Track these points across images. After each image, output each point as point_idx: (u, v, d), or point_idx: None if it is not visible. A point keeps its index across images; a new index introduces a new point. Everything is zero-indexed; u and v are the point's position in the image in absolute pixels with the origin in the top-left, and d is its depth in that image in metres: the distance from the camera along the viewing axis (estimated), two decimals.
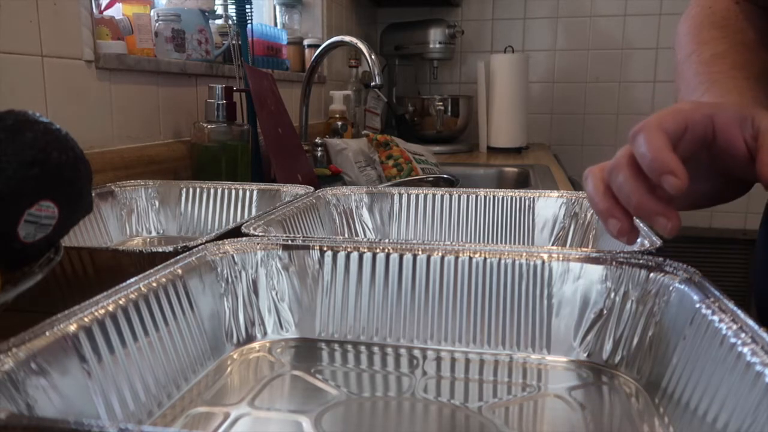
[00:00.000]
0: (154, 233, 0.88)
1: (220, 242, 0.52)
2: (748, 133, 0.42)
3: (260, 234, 0.56)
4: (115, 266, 0.54)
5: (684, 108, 0.43)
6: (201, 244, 0.51)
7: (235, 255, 0.52)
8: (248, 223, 0.60)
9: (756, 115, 0.42)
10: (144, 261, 0.52)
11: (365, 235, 0.83)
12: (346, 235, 0.82)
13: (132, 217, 0.86)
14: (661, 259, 0.47)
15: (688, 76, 0.58)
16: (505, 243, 0.81)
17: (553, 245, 0.79)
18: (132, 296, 0.41)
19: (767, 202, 0.70)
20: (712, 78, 0.54)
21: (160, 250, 0.52)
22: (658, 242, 0.52)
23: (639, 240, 0.54)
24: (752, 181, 0.44)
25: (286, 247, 0.53)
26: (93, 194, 0.51)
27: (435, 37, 2.26)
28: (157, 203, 0.89)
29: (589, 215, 0.76)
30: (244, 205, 0.88)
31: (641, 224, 0.59)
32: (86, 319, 0.37)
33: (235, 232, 0.56)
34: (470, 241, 0.83)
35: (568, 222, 0.79)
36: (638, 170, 0.41)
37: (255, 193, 0.88)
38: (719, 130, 0.42)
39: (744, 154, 0.42)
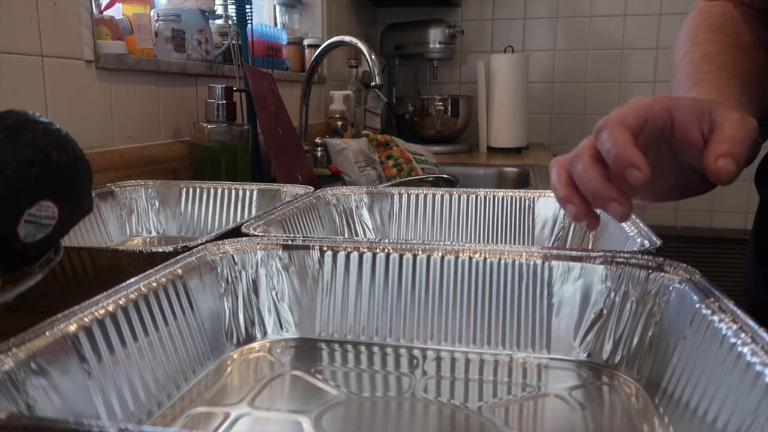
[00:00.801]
0: (154, 233, 0.88)
1: (220, 242, 0.52)
2: (706, 126, 0.44)
3: (260, 234, 0.56)
4: (115, 266, 0.54)
5: (644, 102, 0.46)
6: (201, 244, 0.51)
7: (235, 255, 0.52)
8: (248, 223, 0.60)
9: (713, 109, 0.44)
10: (144, 261, 0.52)
11: (365, 235, 0.83)
12: (346, 235, 0.82)
13: (132, 217, 0.86)
14: (661, 259, 0.47)
15: (681, 75, 0.59)
16: (505, 243, 0.81)
17: (553, 245, 0.79)
18: (132, 296, 0.41)
19: (757, 211, 0.70)
20: (699, 77, 0.56)
21: (160, 250, 0.52)
22: (658, 242, 0.52)
23: (639, 240, 0.54)
24: None
25: (286, 247, 0.53)
26: (93, 194, 0.51)
27: (435, 37, 2.26)
28: (157, 203, 0.89)
29: None
30: (244, 205, 0.88)
31: (642, 224, 0.59)
32: (86, 319, 0.37)
33: (235, 232, 0.56)
34: (470, 241, 0.83)
35: (568, 222, 0.79)
36: (596, 160, 0.44)
37: (255, 193, 0.88)
38: (678, 122, 0.44)
39: (701, 147, 0.44)
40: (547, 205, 0.80)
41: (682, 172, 0.48)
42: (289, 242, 0.53)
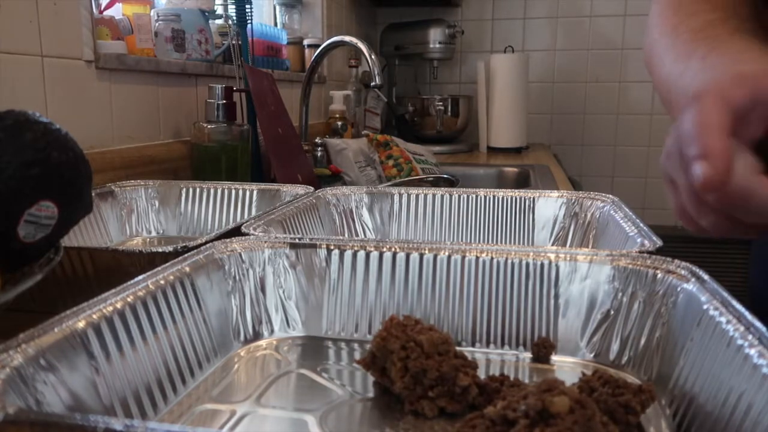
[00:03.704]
0: (154, 233, 0.88)
1: (228, 240, 0.52)
2: None
3: (260, 234, 0.56)
4: (115, 266, 0.53)
5: (750, 73, 0.35)
6: (201, 245, 0.51)
7: (242, 253, 0.52)
8: (248, 223, 0.60)
9: None
10: (144, 261, 0.52)
11: (365, 235, 0.83)
12: (346, 236, 0.81)
13: (132, 217, 0.86)
14: (669, 259, 0.47)
15: (677, 46, 0.48)
16: (506, 243, 0.81)
17: (553, 245, 0.78)
18: (140, 293, 0.41)
19: None
20: (713, 42, 0.44)
21: (160, 250, 0.52)
22: (658, 242, 0.52)
23: (639, 240, 0.54)
24: None
25: (293, 246, 0.53)
26: (93, 194, 0.51)
27: (435, 37, 2.26)
28: (157, 203, 0.88)
29: (589, 215, 0.76)
30: (244, 205, 0.88)
31: (642, 224, 0.59)
32: (95, 316, 0.37)
33: (235, 232, 0.56)
34: (470, 241, 0.82)
35: (568, 222, 0.79)
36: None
37: (255, 193, 0.88)
38: None
39: None
40: (547, 205, 0.80)
41: None
42: (297, 241, 0.53)
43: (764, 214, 0.34)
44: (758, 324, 0.35)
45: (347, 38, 1.33)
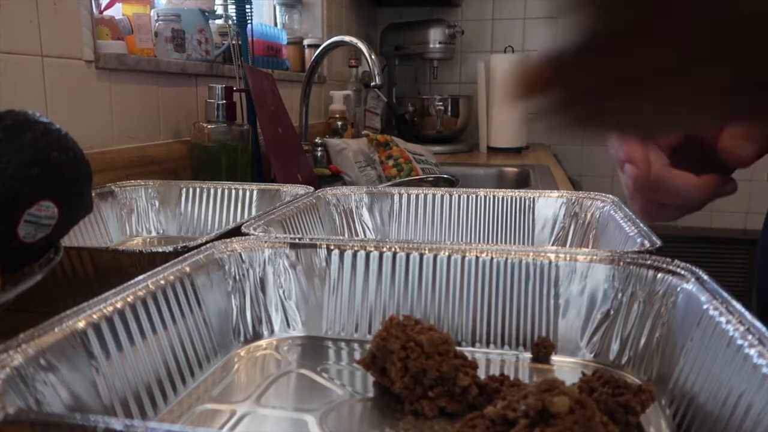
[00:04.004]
0: (154, 233, 0.88)
1: (228, 240, 0.52)
2: None
3: (260, 234, 0.56)
4: (115, 266, 0.53)
5: None
6: (201, 245, 0.51)
7: (242, 253, 0.51)
8: (248, 223, 0.60)
9: None
10: (144, 261, 0.52)
11: (365, 235, 0.83)
12: (346, 236, 0.81)
13: (132, 217, 0.86)
14: (668, 259, 0.47)
15: None
16: (506, 243, 0.81)
17: (553, 245, 0.78)
18: (140, 293, 0.41)
19: None
20: None
21: (160, 250, 0.52)
22: (658, 242, 0.52)
23: (639, 240, 0.54)
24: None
25: (293, 246, 0.53)
26: (93, 194, 0.51)
27: (435, 37, 2.26)
28: (157, 203, 0.88)
29: (589, 215, 0.76)
30: (244, 205, 0.88)
31: (642, 224, 0.59)
32: (95, 316, 0.37)
33: (235, 232, 0.56)
34: (470, 242, 0.82)
35: (568, 222, 0.79)
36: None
37: (255, 193, 0.88)
38: None
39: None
40: (547, 205, 0.80)
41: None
42: (297, 241, 0.53)
43: (674, 196, 0.44)
44: (758, 324, 0.35)
45: (347, 38, 1.34)
